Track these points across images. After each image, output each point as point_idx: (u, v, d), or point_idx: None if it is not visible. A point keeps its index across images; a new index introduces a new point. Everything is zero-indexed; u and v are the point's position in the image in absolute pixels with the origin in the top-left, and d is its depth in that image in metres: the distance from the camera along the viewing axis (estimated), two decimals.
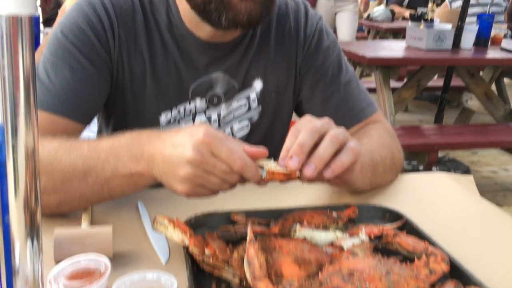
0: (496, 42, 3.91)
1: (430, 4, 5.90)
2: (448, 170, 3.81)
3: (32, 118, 0.59)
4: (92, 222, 0.90)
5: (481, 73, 4.32)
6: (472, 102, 4.31)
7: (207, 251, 0.73)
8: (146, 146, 0.83)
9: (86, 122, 1.02)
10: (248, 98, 1.15)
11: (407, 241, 0.78)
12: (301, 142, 0.78)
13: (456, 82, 4.25)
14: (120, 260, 0.78)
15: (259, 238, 0.74)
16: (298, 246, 0.74)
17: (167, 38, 1.07)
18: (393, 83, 4.10)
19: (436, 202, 1.04)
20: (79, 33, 1.00)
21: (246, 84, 1.14)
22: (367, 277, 0.65)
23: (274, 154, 1.11)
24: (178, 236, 0.76)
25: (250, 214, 0.87)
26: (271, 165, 0.79)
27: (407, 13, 6.42)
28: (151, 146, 0.82)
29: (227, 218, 0.87)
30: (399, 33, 5.96)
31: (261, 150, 0.79)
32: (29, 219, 0.61)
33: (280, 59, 1.16)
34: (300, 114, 1.23)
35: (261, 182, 0.81)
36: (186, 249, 0.75)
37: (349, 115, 1.15)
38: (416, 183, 1.14)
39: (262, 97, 1.16)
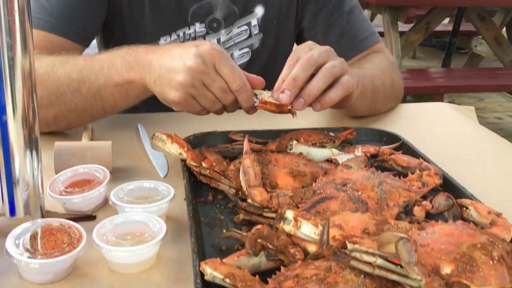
0: None
1: None
2: None
3: (27, 35, 0.59)
4: (92, 140, 0.91)
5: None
6: (481, 47, 4.22)
7: (204, 164, 0.74)
8: (142, 55, 0.82)
9: (84, 43, 1.02)
10: (249, 24, 1.13)
11: (402, 158, 0.78)
12: (295, 76, 0.77)
13: (466, 27, 4.15)
14: (119, 175, 0.79)
15: (255, 153, 0.75)
16: (293, 160, 0.75)
17: None
18: (401, 27, 4.02)
19: (435, 128, 1.05)
20: None
21: (247, 10, 1.12)
22: (359, 187, 0.66)
23: (274, 82, 1.11)
24: (176, 149, 0.77)
25: (249, 134, 0.87)
26: (265, 95, 0.79)
27: None
28: (149, 55, 0.82)
29: (226, 137, 0.88)
30: None
31: (260, 78, 0.79)
32: (28, 133, 0.62)
33: None
34: (302, 41, 1.21)
35: (251, 109, 0.81)
36: (183, 162, 0.76)
37: (351, 44, 1.13)
38: (417, 111, 1.14)
39: (264, 24, 1.14)
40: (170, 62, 0.78)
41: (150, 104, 0.98)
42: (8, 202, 0.64)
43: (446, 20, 4.61)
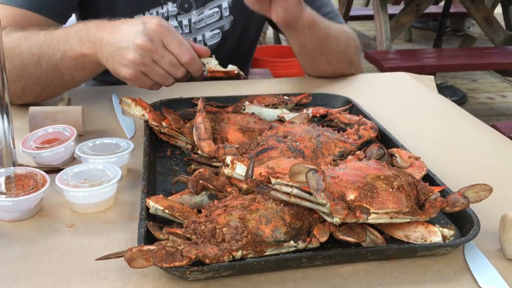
0: None
1: None
2: (444, 95, 3.84)
3: None
4: None
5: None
6: (473, 29, 4.25)
7: (164, 123, 0.82)
8: (93, 31, 0.89)
9: (60, 21, 1.08)
10: (220, 7, 1.20)
11: (344, 116, 0.86)
12: None
13: (459, 9, 4.18)
14: (90, 136, 0.86)
15: (211, 112, 0.83)
16: (244, 119, 0.82)
17: None
18: (394, 10, 4.06)
19: (391, 94, 1.12)
20: None
21: None
22: (298, 138, 0.74)
23: (244, 61, 1.19)
24: (139, 111, 0.84)
25: (210, 99, 0.95)
26: (212, 63, 0.85)
27: None
28: (99, 31, 0.88)
29: (189, 103, 0.95)
30: None
31: (206, 48, 0.86)
32: None
33: None
34: (273, 24, 1.27)
35: (201, 77, 0.87)
36: (146, 122, 0.84)
37: None
38: (377, 80, 1.21)
39: (234, 7, 1.20)
40: (119, 40, 0.83)
41: None
42: None
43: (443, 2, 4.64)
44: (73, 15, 1.19)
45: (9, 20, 0.99)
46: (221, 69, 0.85)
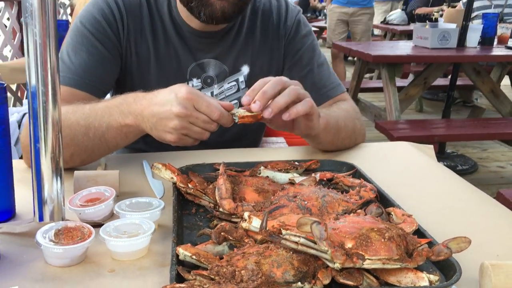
0: (503, 41, 4.03)
1: (445, 6, 6.01)
2: (455, 165, 3.94)
3: (56, 86, 0.81)
4: None
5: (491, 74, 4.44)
6: (481, 100, 4.42)
7: (190, 185, 0.95)
8: (132, 105, 1.04)
9: (100, 96, 1.25)
10: (237, 80, 1.37)
11: (348, 179, 0.98)
12: (264, 90, 0.97)
13: (466, 81, 4.37)
14: (125, 197, 0.99)
15: (230, 175, 0.95)
16: (260, 181, 0.95)
17: (169, 27, 1.30)
18: (402, 82, 4.26)
19: (392, 161, 1.24)
20: (94, 22, 1.24)
21: (235, 69, 1.36)
22: (306, 198, 0.85)
23: (258, 129, 1.34)
24: (168, 175, 0.97)
25: (230, 164, 1.07)
26: (240, 112, 0.99)
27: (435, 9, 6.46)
28: (138, 104, 1.03)
29: (211, 167, 1.08)
30: None
31: (230, 103, 1.00)
32: (55, 164, 0.84)
33: (265, 48, 1.37)
34: None
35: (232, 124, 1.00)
36: (174, 184, 0.97)
37: (321, 92, 1.35)
38: (381, 148, 1.33)
39: (249, 80, 1.37)
40: (158, 112, 0.98)
41: (153, 146, 1.21)
42: (38, 211, 0.84)
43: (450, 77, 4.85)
44: None
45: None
46: (248, 113, 0.97)
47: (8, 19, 3.42)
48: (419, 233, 0.77)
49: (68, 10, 4.50)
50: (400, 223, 0.79)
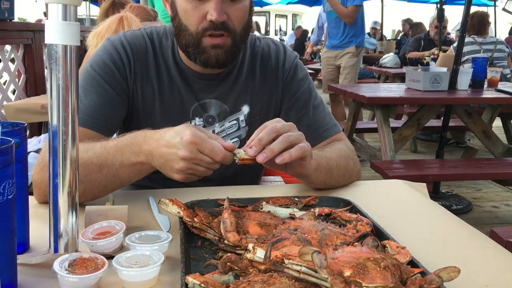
0: (493, 84, 4.17)
1: (436, 50, 6.21)
2: (450, 204, 3.99)
3: (75, 127, 0.87)
4: None
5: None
6: (474, 141, 4.52)
7: (196, 219, 1.00)
8: (142, 145, 1.11)
9: (109, 134, 1.32)
10: (237, 119, 1.44)
11: (345, 214, 1.03)
12: (260, 137, 1.05)
13: (459, 123, 4.48)
14: (133, 231, 1.05)
15: (234, 210, 1.01)
16: (262, 215, 1.00)
17: (173, 70, 1.39)
18: (396, 123, 4.36)
19: (387, 197, 1.29)
20: (104, 66, 1.32)
21: (236, 108, 1.43)
22: (306, 231, 0.91)
23: (256, 165, 1.40)
24: (175, 209, 1.03)
25: (233, 200, 1.13)
26: (241, 153, 1.06)
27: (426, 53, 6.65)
28: (147, 145, 1.10)
29: (215, 203, 1.14)
30: None
31: (232, 144, 1.07)
32: (71, 199, 0.89)
33: (264, 89, 1.45)
34: None
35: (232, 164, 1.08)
36: (180, 219, 1.02)
37: (317, 133, 1.42)
38: (376, 186, 1.39)
39: (249, 119, 1.45)
40: (165, 154, 1.06)
41: (158, 182, 1.27)
42: (53, 243, 0.89)
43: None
44: None
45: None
46: (248, 157, 1.05)
47: (12, 60, 3.53)
48: (413, 263, 0.82)
49: None
50: (395, 254, 0.84)
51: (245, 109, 1.44)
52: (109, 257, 0.91)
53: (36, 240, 0.99)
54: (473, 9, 6.21)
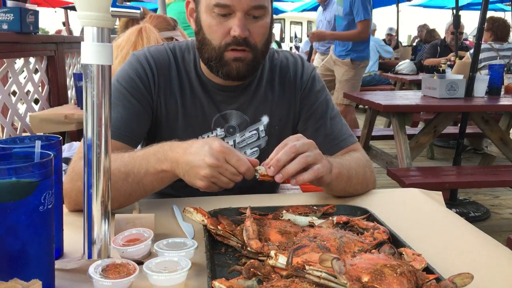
0: (510, 91, 4.16)
1: (452, 57, 6.20)
2: (467, 211, 3.98)
3: (108, 139, 0.93)
4: None
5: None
6: (491, 148, 4.51)
7: (219, 227, 1.05)
8: (168, 152, 1.17)
9: (134, 145, 1.38)
10: (257, 129, 1.49)
11: (362, 222, 1.07)
12: (278, 158, 1.11)
13: (476, 129, 4.48)
14: (159, 238, 1.10)
15: (256, 219, 1.06)
16: (282, 224, 1.05)
17: (195, 83, 1.45)
18: (413, 130, 4.37)
19: (403, 206, 1.33)
20: (130, 80, 1.39)
21: (255, 119, 1.49)
22: (325, 239, 0.95)
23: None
24: (199, 217, 1.08)
25: (254, 208, 1.18)
26: (262, 169, 1.12)
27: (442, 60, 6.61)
28: (173, 152, 1.16)
29: (236, 211, 1.19)
30: None
31: (256, 160, 1.13)
32: (104, 208, 0.95)
33: (283, 100, 1.50)
34: None
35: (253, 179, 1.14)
36: (205, 226, 1.07)
37: (333, 143, 1.47)
38: (392, 194, 1.43)
39: (268, 129, 1.50)
40: (192, 161, 1.11)
41: (180, 191, 1.32)
42: (87, 249, 0.95)
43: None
44: None
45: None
46: (268, 174, 1.12)
47: (35, 71, 3.64)
48: (428, 270, 0.86)
49: None
50: (411, 261, 0.88)
51: (265, 119, 1.49)
52: (138, 262, 0.97)
53: (69, 247, 1.05)
54: (490, 14, 6.19)
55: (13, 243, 0.79)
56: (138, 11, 0.82)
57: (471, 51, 5.24)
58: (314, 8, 16.53)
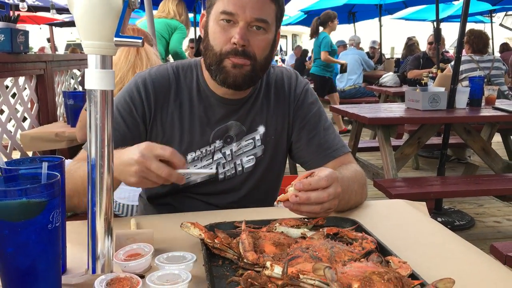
0: (491, 102, 4.29)
1: (434, 69, 6.35)
2: (452, 220, 4.07)
3: (110, 158, 0.98)
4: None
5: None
6: (474, 157, 4.62)
7: (216, 240, 1.10)
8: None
9: None
10: (253, 139, 1.56)
11: (351, 233, 1.13)
12: (309, 197, 1.17)
13: (459, 140, 4.59)
14: (159, 252, 1.15)
15: (251, 232, 1.11)
16: (276, 236, 1.10)
17: (195, 99, 1.52)
18: (398, 142, 4.47)
19: (389, 216, 1.40)
20: (123, 103, 1.46)
21: (252, 129, 1.56)
22: (317, 249, 1.01)
23: (273, 181, 1.53)
24: (197, 232, 1.13)
25: (248, 222, 1.23)
26: (291, 190, 1.20)
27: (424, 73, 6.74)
28: (115, 159, 1.20)
29: (232, 225, 1.24)
30: None
31: (182, 160, 1.19)
32: (107, 224, 1.00)
33: (278, 111, 1.59)
34: (291, 152, 1.63)
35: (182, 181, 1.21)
36: (202, 240, 1.12)
37: (326, 153, 1.54)
38: (379, 206, 1.50)
39: (264, 138, 1.57)
40: (124, 159, 1.19)
41: (179, 201, 1.38)
42: (92, 265, 1.00)
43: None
44: None
45: (79, 157, 1.42)
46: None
47: (25, 89, 3.67)
48: (413, 276, 0.92)
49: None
50: (397, 268, 0.94)
51: (261, 129, 1.57)
52: (140, 276, 1.01)
53: (72, 263, 1.10)
54: (469, 26, 6.34)
55: (23, 260, 0.84)
56: (140, 41, 0.88)
57: (452, 63, 5.38)
58: (299, 22, 16.77)
